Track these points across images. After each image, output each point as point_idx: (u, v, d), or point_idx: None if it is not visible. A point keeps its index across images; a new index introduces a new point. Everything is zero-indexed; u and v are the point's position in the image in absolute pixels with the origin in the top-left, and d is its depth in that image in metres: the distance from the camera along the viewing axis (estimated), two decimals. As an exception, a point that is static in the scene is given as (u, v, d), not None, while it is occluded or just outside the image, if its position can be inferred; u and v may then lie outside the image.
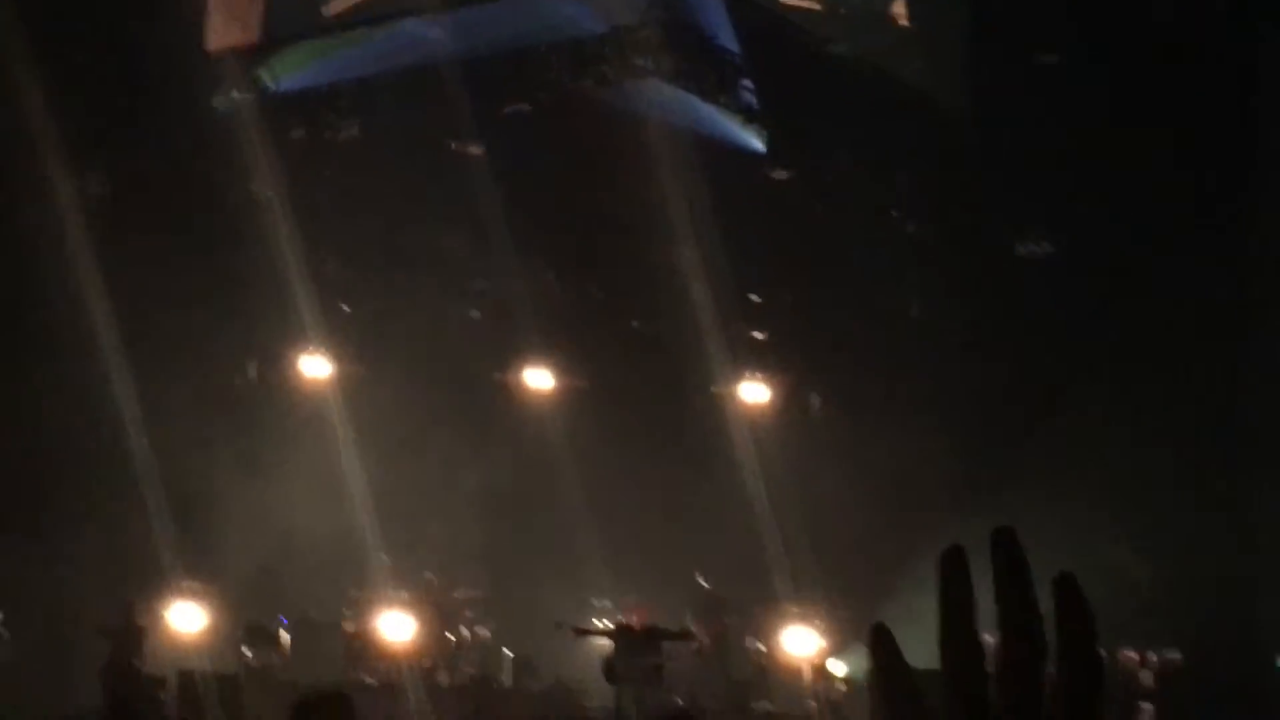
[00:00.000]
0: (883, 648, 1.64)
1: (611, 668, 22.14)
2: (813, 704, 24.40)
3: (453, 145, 27.04)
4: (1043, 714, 1.54)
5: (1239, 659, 26.26)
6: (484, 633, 27.23)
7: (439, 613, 25.96)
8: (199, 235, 26.19)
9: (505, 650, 26.89)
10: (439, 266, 28.22)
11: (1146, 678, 26.80)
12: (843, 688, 24.90)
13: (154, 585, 23.89)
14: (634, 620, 22.42)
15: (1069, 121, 26.99)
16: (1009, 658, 1.54)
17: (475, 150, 27.16)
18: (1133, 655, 27.36)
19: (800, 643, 25.54)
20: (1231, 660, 26.27)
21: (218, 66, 27.44)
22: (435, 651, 25.83)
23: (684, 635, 23.41)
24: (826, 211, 29.02)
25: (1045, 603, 1.60)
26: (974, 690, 1.55)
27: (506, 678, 26.57)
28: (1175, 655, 27.30)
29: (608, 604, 25.57)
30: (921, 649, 2.08)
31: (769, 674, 26.16)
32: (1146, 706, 25.77)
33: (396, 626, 25.24)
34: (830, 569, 25.38)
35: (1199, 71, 27.21)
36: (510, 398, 29.17)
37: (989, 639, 1.57)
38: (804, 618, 25.55)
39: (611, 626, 23.28)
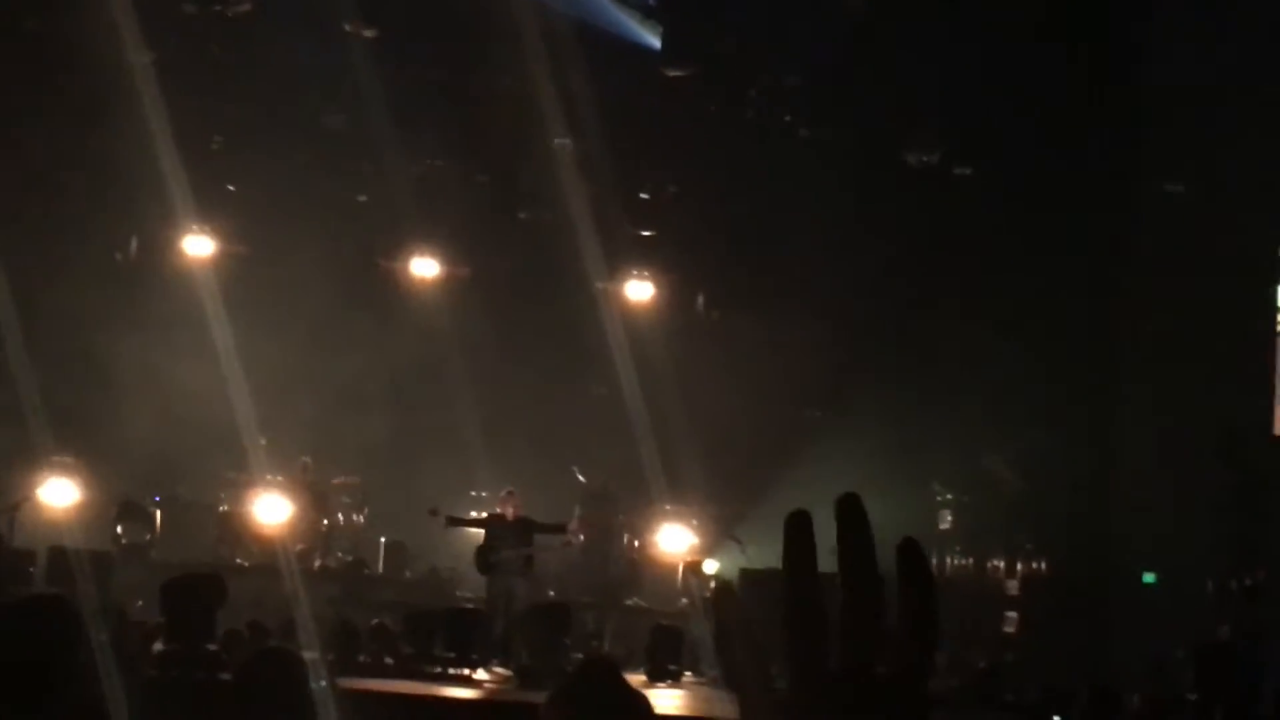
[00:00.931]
0: (727, 607, 1.66)
1: (484, 558, 22.18)
2: (684, 601, 24.56)
3: (345, 25, 26.67)
4: (879, 668, 1.57)
5: (1106, 571, 26.65)
6: (358, 519, 27.20)
7: (314, 497, 25.88)
8: (81, 106, 25.73)
9: (381, 538, 26.89)
10: (326, 147, 27.93)
11: (1012, 586, 27.17)
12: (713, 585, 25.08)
13: (27, 460, 23.61)
14: (507, 511, 22.39)
15: (965, 23, 26.93)
16: (849, 616, 1.57)
17: (367, 31, 26.82)
18: (999, 564, 27.74)
19: (674, 541, 25.70)
20: (1098, 572, 26.66)
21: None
22: (309, 536, 25.78)
23: (556, 528, 23.45)
24: (719, 111, 28.95)
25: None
26: (814, 644, 1.58)
27: (379, 564, 26.58)
28: (1042, 565, 27.68)
29: (485, 495, 25.54)
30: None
31: (642, 570, 26.32)
32: (1011, 615, 26.14)
33: (271, 509, 25.15)
34: (708, 467, 25.51)
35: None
36: (395, 283, 28.99)
37: None
38: (679, 516, 25.68)
39: (484, 516, 23.31)
